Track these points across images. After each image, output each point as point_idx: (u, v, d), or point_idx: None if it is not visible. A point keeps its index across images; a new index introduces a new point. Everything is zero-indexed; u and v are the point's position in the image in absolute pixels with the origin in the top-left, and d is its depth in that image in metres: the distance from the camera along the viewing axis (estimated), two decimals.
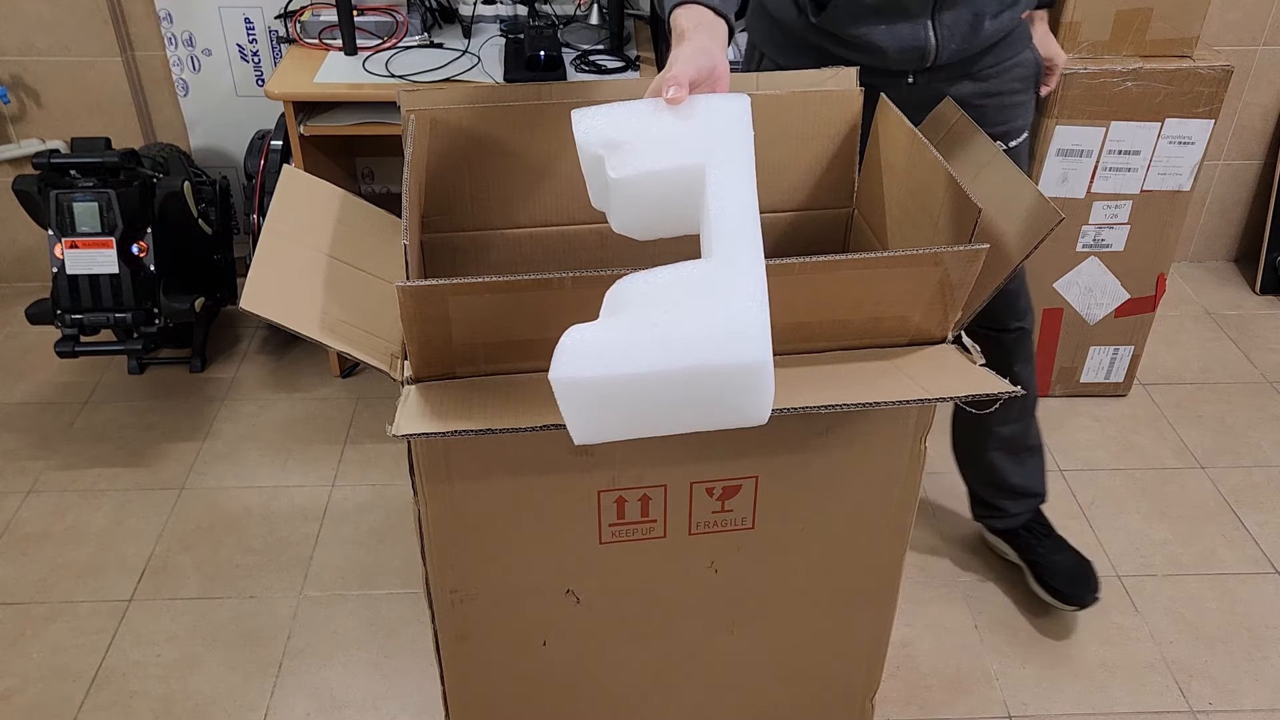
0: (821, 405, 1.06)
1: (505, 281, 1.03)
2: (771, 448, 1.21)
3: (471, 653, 1.35)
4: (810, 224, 1.48)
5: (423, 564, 1.24)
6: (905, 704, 1.71)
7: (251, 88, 2.55)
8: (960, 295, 1.12)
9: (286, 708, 1.70)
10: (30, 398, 2.40)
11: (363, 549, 1.99)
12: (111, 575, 1.93)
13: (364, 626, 1.82)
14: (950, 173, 1.18)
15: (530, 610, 1.31)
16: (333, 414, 2.35)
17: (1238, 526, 2.06)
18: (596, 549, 1.26)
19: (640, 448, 1.18)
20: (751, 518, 1.26)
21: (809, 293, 1.10)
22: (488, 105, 1.35)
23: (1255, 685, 1.75)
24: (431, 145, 1.36)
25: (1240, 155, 2.80)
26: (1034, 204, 1.13)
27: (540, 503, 1.21)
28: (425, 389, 1.10)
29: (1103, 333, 2.33)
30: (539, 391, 1.10)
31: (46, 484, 2.15)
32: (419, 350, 1.09)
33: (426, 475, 1.17)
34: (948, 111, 1.39)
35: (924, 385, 1.09)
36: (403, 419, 1.03)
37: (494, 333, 1.09)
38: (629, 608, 1.33)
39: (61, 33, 2.46)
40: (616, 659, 1.39)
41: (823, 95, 1.39)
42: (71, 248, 2.15)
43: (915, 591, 1.91)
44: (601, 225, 1.44)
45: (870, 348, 1.17)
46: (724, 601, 1.34)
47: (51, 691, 1.72)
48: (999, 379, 1.08)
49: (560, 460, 1.18)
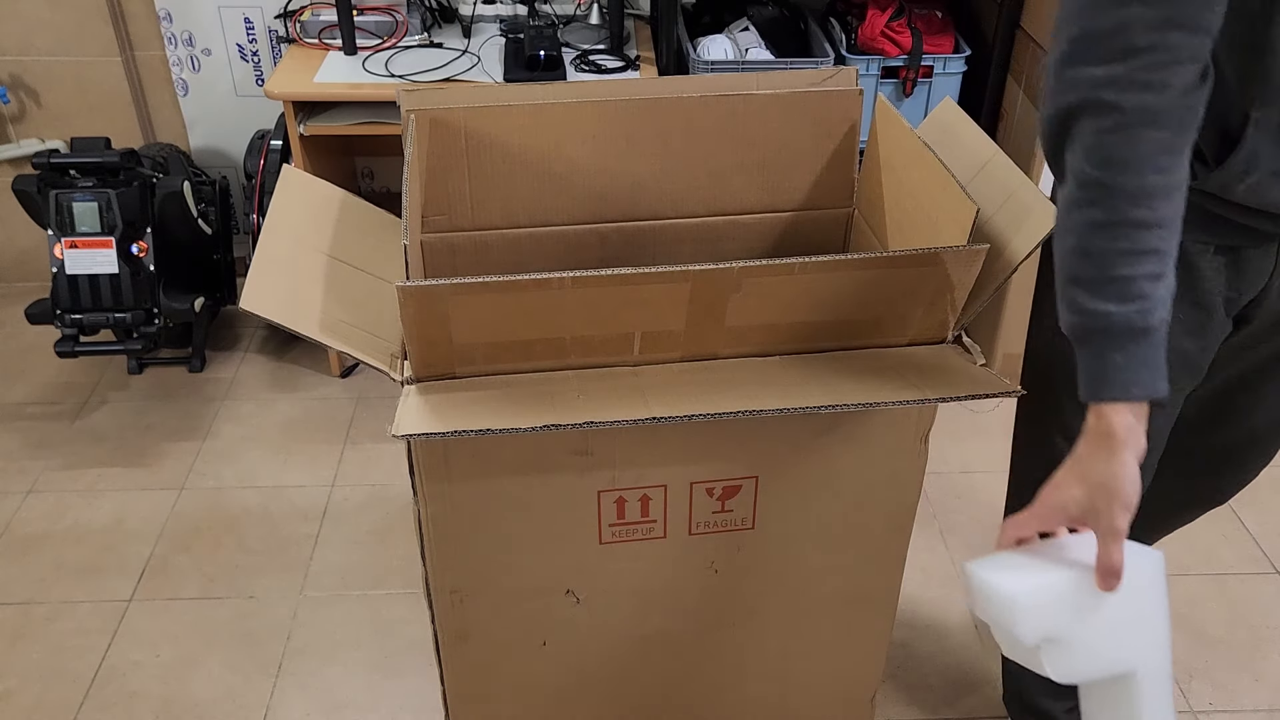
0: (821, 405, 1.06)
1: (505, 281, 1.03)
2: (771, 448, 1.21)
3: (471, 652, 1.34)
4: (810, 224, 1.48)
5: (422, 564, 1.24)
6: (905, 704, 1.71)
7: (251, 87, 2.55)
8: (961, 295, 1.12)
9: (286, 708, 1.70)
10: (30, 398, 2.40)
11: (363, 549, 1.99)
12: (111, 575, 1.93)
13: (364, 626, 1.82)
14: (948, 172, 1.18)
15: (530, 610, 1.31)
16: (333, 414, 2.35)
17: (1238, 526, 2.06)
18: (596, 549, 1.26)
19: (640, 448, 1.18)
20: (752, 518, 1.26)
21: (809, 293, 1.10)
22: (488, 105, 1.35)
23: (1255, 685, 1.75)
24: (431, 145, 1.36)
25: None
26: (1034, 203, 1.13)
27: (540, 503, 1.21)
28: (425, 389, 1.10)
29: None
30: (538, 391, 1.10)
31: (46, 484, 2.15)
32: (419, 350, 1.08)
33: (426, 475, 1.17)
34: (947, 111, 1.39)
35: (922, 386, 1.09)
36: (403, 419, 1.03)
37: (494, 333, 1.09)
38: (629, 608, 1.33)
39: (61, 33, 2.46)
40: (616, 659, 1.39)
41: (822, 95, 1.39)
42: (71, 248, 2.15)
43: (915, 591, 1.91)
44: (601, 225, 1.44)
45: (871, 348, 1.17)
46: (724, 602, 1.34)
47: (51, 691, 1.71)
48: (999, 379, 1.07)
49: (560, 460, 1.18)
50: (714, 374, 1.13)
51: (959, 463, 2.22)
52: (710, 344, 1.13)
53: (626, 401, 1.07)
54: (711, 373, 1.13)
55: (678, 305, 1.08)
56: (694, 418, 1.04)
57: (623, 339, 1.11)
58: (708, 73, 2.12)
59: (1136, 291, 0.87)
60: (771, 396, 1.08)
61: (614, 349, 1.12)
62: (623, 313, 1.08)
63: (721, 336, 1.12)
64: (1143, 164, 0.86)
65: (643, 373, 1.13)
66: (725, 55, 2.17)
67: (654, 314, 1.09)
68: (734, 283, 1.07)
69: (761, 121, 1.41)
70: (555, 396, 1.09)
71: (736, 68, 2.14)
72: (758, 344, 1.14)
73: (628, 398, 1.08)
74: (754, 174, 1.44)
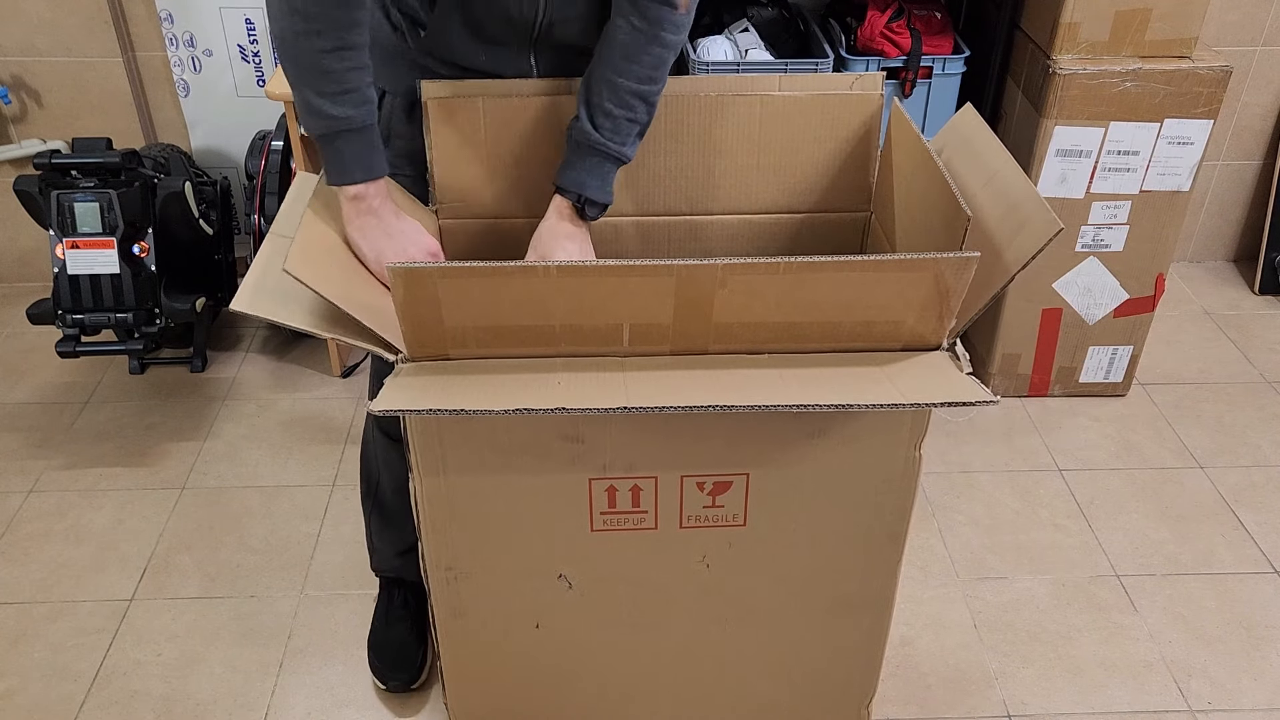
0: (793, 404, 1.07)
1: (491, 267, 1.06)
2: (762, 446, 1.21)
3: (466, 630, 1.36)
4: (827, 226, 1.50)
5: (419, 541, 1.27)
6: (905, 704, 1.72)
7: (252, 88, 2.55)
8: (954, 302, 1.12)
9: (287, 707, 1.70)
10: (31, 398, 2.41)
11: (363, 549, 1.99)
12: (112, 575, 1.94)
13: (365, 626, 1.83)
14: (947, 179, 1.18)
15: (523, 591, 1.33)
16: (333, 414, 2.36)
17: (1236, 526, 2.07)
18: (588, 536, 1.27)
19: (631, 438, 1.19)
20: (743, 515, 1.27)
21: (797, 293, 1.11)
22: (506, 96, 1.38)
23: (1254, 684, 1.75)
24: (451, 134, 1.38)
25: (1239, 155, 2.80)
26: (1034, 212, 1.13)
27: (532, 487, 1.23)
28: (417, 369, 1.13)
29: (1102, 333, 2.33)
30: (522, 376, 1.12)
31: (47, 484, 2.16)
32: (411, 331, 1.11)
33: (420, 454, 1.19)
34: (966, 117, 1.39)
35: (904, 390, 1.09)
36: (384, 396, 1.06)
37: (484, 317, 1.11)
38: (620, 596, 1.34)
39: (62, 33, 2.46)
40: (608, 645, 1.40)
41: (841, 98, 1.40)
42: (73, 248, 2.15)
43: (915, 591, 1.92)
44: (617, 219, 1.46)
45: (862, 351, 1.17)
46: (716, 597, 1.35)
47: (52, 691, 1.72)
48: (979, 387, 1.08)
49: (552, 446, 1.19)
50: (699, 368, 1.14)
51: (959, 463, 2.22)
52: (699, 340, 1.14)
53: (607, 390, 1.09)
54: (697, 367, 1.14)
55: (664, 299, 1.09)
56: (666, 409, 1.06)
57: (612, 330, 1.13)
58: (705, 74, 2.12)
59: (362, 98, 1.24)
60: (749, 393, 1.09)
61: (603, 339, 1.14)
62: (610, 304, 1.10)
63: (710, 333, 1.13)
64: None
65: (629, 364, 1.14)
66: (725, 56, 2.17)
67: (641, 306, 1.10)
68: (719, 279, 1.08)
69: (779, 123, 1.42)
70: (537, 381, 1.11)
71: (735, 69, 2.14)
72: (747, 341, 1.15)
73: (608, 386, 1.10)
74: (770, 174, 1.45)
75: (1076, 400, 2.42)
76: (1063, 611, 1.87)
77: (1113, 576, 1.95)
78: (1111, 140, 2.09)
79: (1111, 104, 2.06)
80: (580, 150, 1.34)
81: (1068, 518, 2.08)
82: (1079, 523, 2.07)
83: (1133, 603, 1.90)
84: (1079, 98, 2.05)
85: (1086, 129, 2.08)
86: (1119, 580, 1.95)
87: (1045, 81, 2.06)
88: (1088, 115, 2.07)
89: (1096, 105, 2.06)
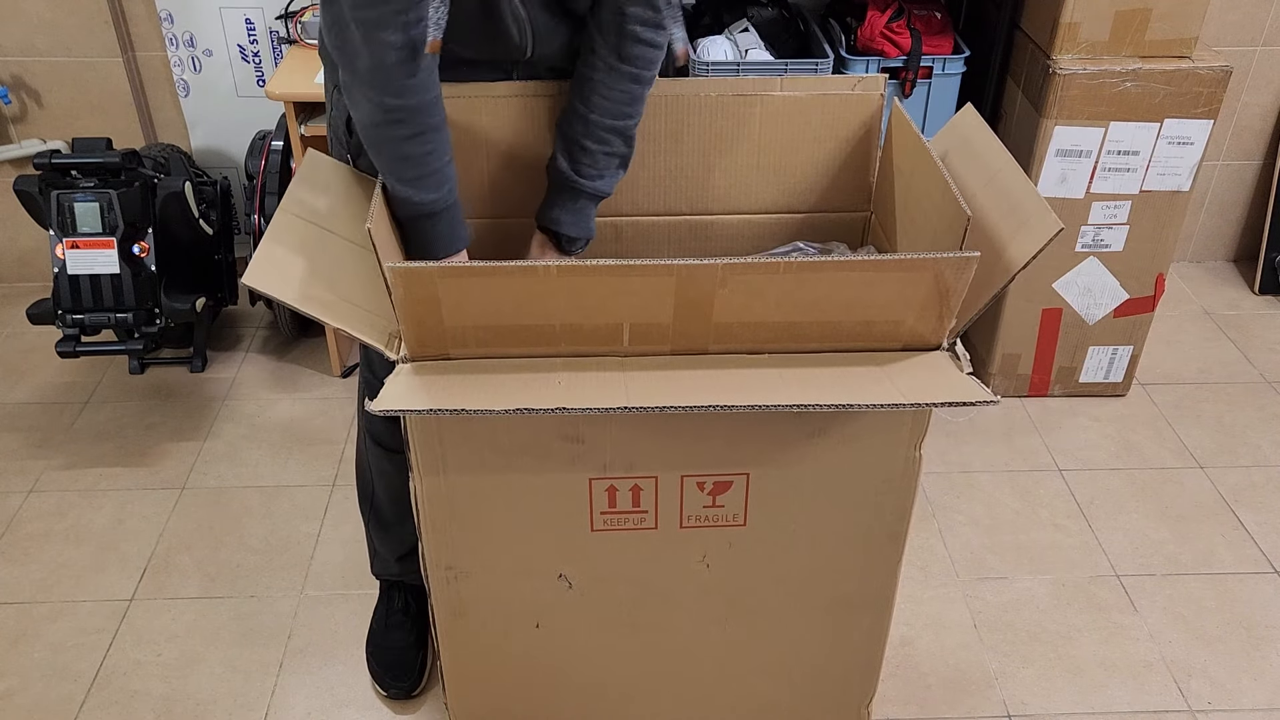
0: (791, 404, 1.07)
1: (491, 267, 1.06)
2: (762, 446, 1.21)
3: (467, 629, 1.36)
4: (826, 226, 1.50)
5: (419, 540, 1.27)
6: (905, 704, 1.72)
7: (252, 88, 2.55)
8: (954, 302, 1.12)
9: (287, 707, 1.70)
10: (31, 398, 2.41)
11: (363, 548, 1.99)
12: (112, 575, 1.94)
13: (365, 626, 1.82)
14: (947, 179, 1.18)
15: (523, 591, 1.33)
16: (333, 414, 2.36)
17: (1236, 526, 2.07)
18: (588, 535, 1.27)
19: (631, 438, 1.19)
20: (743, 515, 1.27)
21: (797, 293, 1.11)
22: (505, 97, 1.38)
23: (1254, 684, 1.75)
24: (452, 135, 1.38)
25: (1239, 155, 2.80)
26: (1034, 212, 1.13)
27: (532, 486, 1.23)
28: (418, 369, 1.13)
29: (1102, 333, 2.33)
30: (522, 376, 1.12)
31: (47, 484, 2.16)
32: (411, 330, 1.11)
33: (420, 453, 1.19)
34: (967, 117, 1.39)
35: (904, 390, 1.09)
36: (385, 395, 1.06)
37: (484, 317, 1.11)
38: (621, 596, 1.34)
39: (62, 33, 2.46)
40: (608, 645, 1.40)
41: (841, 99, 1.40)
42: (72, 248, 2.15)
43: (915, 591, 1.92)
44: (617, 219, 1.46)
45: (862, 351, 1.17)
46: (716, 596, 1.35)
47: (52, 691, 1.72)
48: (980, 387, 1.08)
49: (552, 446, 1.19)
50: (699, 368, 1.14)
51: (959, 463, 2.22)
52: (700, 339, 1.14)
53: (607, 389, 1.09)
54: (697, 367, 1.14)
55: (664, 299, 1.09)
56: (666, 409, 1.06)
57: (612, 330, 1.13)
58: (706, 74, 2.12)
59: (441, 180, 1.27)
60: (749, 393, 1.09)
61: (604, 339, 1.14)
62: (610, 304, 1.10)
63: (710, 332, 1.13)
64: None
65: (629, 363, 1.14)
66: (725, 56, 2.17)
67: (641, 306, 1.10)
68: (719, 279, 1.08)
69: (779, 123, 1.42)
70: (537, 381, 1.11)
71: (735, 69, 2.14)
72: (748, 341, 1.15)
73: (609, 386, 1.10)
74: (770, 174, 1.45)
75: (1076, 400, 2.42)
76: (1063, 611, 1.87)
77: (1113, 576, 1.95)
78: (1111, 140, 2.09)
79: (1111, 104, 2.06)
80: (558, 188, 1.36)
81: (1068, 518, 2.08)
82: (1079, 523, 2.07)
83: (1133, 603, 1.90)
84: (1079, 98, 2.05)
85: (1086, 129, 2.08)
86: (1119, 580, 1.95)
87: (1045, 81, 2.06)
88: (1088, 115, 2.07)
89: (1096, 105, 2.06)
